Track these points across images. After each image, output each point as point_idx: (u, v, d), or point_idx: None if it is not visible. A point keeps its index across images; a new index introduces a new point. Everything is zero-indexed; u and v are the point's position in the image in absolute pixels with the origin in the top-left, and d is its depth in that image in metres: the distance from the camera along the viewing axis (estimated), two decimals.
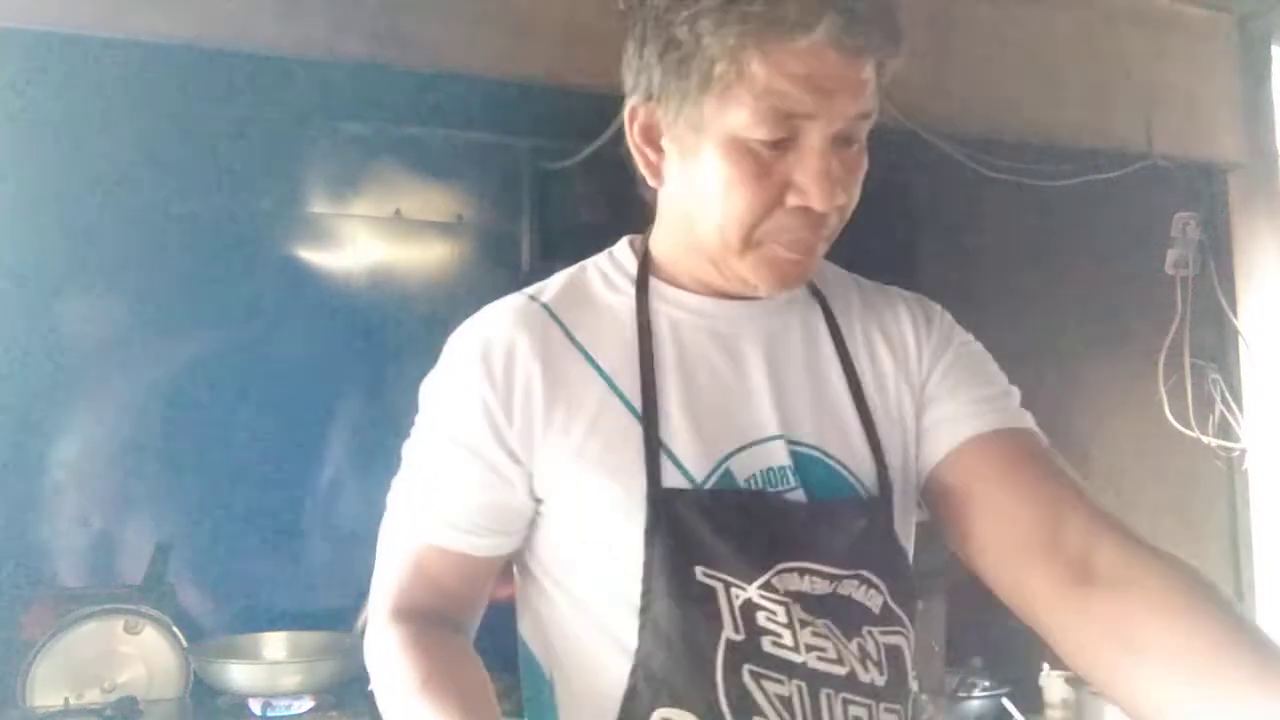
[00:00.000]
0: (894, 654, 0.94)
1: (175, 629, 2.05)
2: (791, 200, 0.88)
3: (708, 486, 0.91)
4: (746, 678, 0.88)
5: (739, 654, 0.88)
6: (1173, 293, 2.13)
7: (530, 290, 1.01)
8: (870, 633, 0.93)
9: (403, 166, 2.50)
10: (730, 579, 0.89)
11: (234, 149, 2.31)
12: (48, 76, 1.99)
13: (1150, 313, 2.19)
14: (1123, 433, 2.36)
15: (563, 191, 2.54)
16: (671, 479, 0.90)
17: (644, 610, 0.89)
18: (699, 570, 0.89)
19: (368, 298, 2.44)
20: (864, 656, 0.92)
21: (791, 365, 0.99)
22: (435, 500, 0.95)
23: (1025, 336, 2.63)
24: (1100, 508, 0.89)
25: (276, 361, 2.32)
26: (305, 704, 1.95)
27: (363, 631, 1.92)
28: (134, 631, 2.02)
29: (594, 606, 0.92)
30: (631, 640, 0.89)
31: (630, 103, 0.94)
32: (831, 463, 0.97)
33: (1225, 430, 2.08)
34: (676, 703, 0.87)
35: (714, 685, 0.87)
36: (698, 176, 0.90)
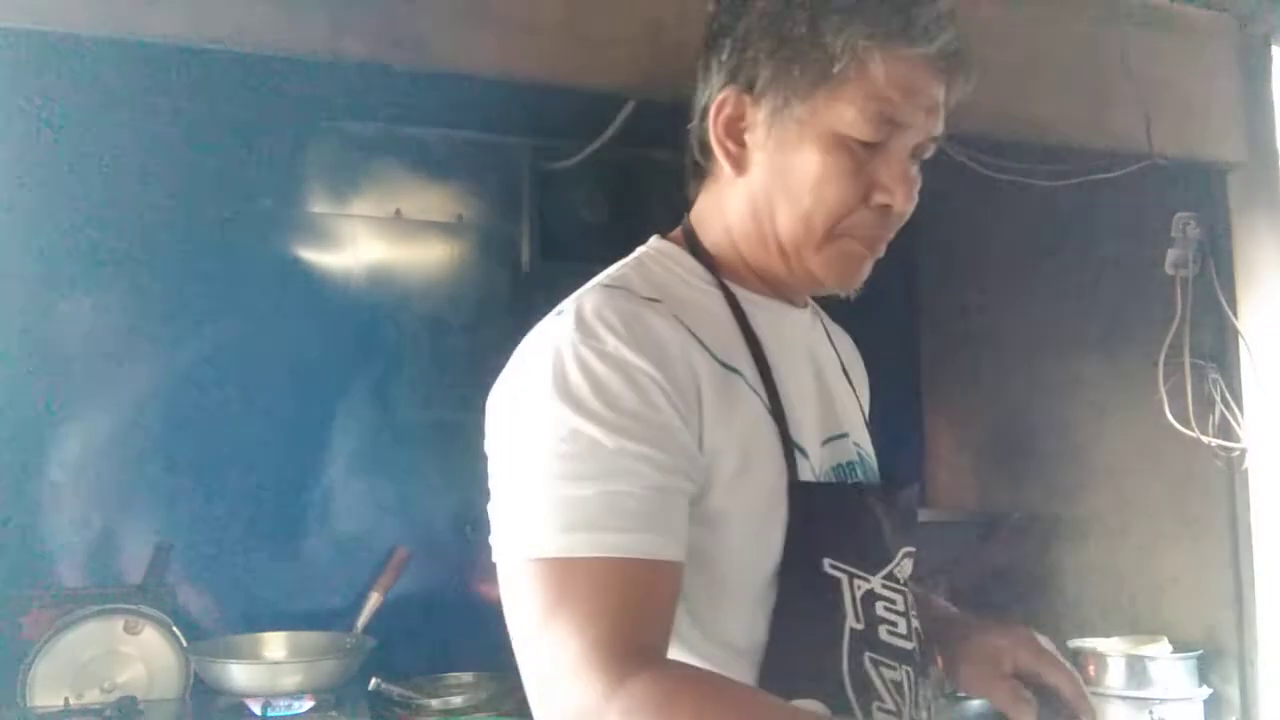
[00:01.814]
0: (919, 635, 1.03)
1: (175, 629, 2.05)
2: (877, 199, 0.94)
3: (823, 479, 0.96)
4: (868, 665, 0.92)
5: (861, 642, 0.92)
6: (1173, 293, 2.12)
7: (608, 283, 0.93)
8: (914, 615, 1.01)
9: (403, 166, 2.51)
10: (854, 570, 0.93)
11: (234, 149, 2.32)
12: (48, 76, 1.98)
13: (1150, 313, 2.19)
14: (1123, 433, 2.35)
15: (563, 191, 2.54)
16: (804, 472, 0.93)
17: (779, 604, 0.89)
18: (827, 562, 0.91)
19: (368, 298, 2.44)
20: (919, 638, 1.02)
21: (836, 371, 1.08)
22: (626, 507, 0.81)
23: (1025, 336, 2.63)
24: None
25: (276, 361, 2.32)
26: (305, 704, 1.95)
27: (363, 630, 1.90)
28: (134, 631, 2.02)
29: (711, 608, 0.89)
30: (745, 640, 0.89)
31: (719, 95, 0.96)
32: (872, 461, 1.07)
33: (1225, 430, 2.08)
34: (806, 693, 0.88)
35: (840, 673, 0.90)
36: (792, 168, 0.93)
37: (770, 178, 0.95)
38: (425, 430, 2.41)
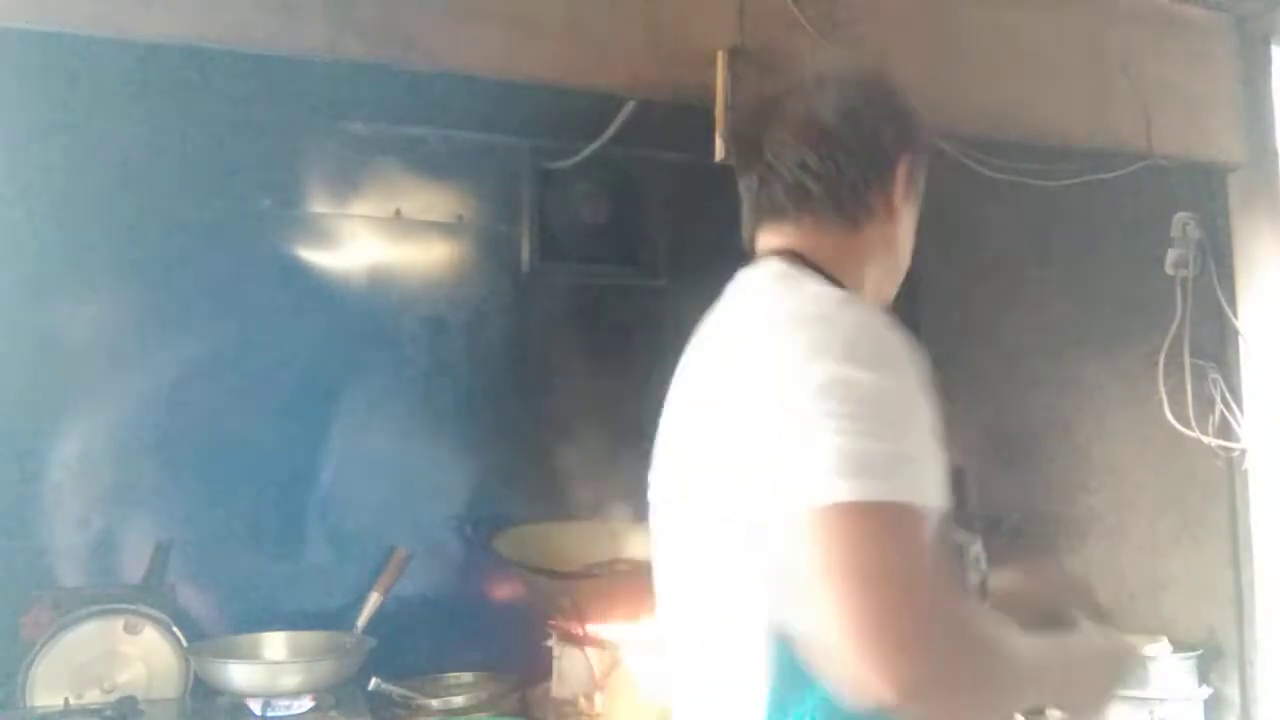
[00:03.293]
0: None
1: (175, 629, 2.05)
2: None
3: None
4: None
5: None
6: (1173, 293, 2.13)
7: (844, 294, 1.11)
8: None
9: (403, 166, 2.50)
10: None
11: (234, 149, 2.32)
12: (48, 76, 1.98)
13: (1150, 313, 2.19)
14: (1123, 433, 2.35)
15: (563, 191, 2.54)
16: None
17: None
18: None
19: (368, 298, 2.44)
20: None
21: None
22: (928, 460, 0.98)
23: (1025, 336, 2.63)
24: None
25: (276, 361, 2.32)
26: (305, 704, 1.95)
27: (363, 630, 1.89)
28: (134, 631, 2.02)
29: None
30: None
31: (905, 158, 1.18)
32: None
33: (1225, 430, 2.08)
34: None
35: None
36: (908, 220, 1.23)
37: (902, 226, 1.22)
38: (425, 430, 2.41)
